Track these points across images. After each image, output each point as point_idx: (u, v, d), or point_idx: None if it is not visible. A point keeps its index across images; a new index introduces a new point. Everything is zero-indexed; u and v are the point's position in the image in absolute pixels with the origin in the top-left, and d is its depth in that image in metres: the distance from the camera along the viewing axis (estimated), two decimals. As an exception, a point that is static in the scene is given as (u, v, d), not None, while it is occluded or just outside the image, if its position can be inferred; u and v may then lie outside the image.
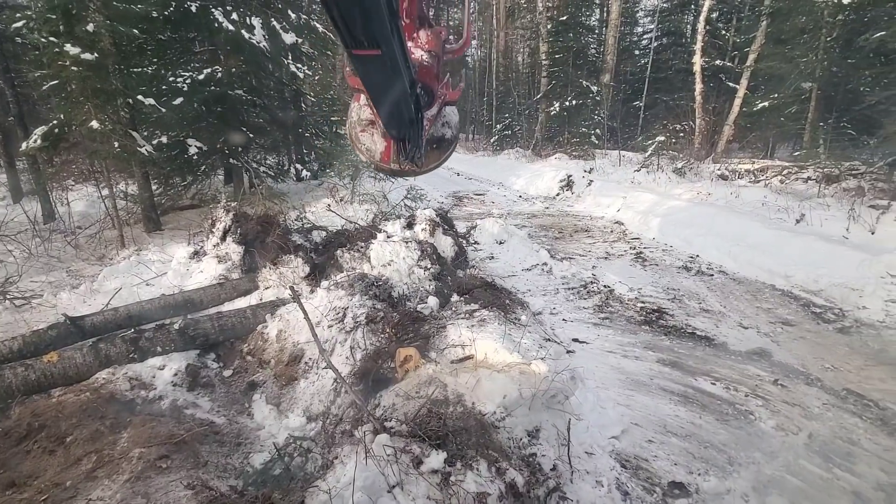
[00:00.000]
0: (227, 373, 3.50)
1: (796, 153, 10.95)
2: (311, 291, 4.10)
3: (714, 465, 2.83)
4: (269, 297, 4.19)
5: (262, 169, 9.19)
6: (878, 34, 8.65)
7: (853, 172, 8.68)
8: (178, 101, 7.36)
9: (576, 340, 4.29)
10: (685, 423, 3.22)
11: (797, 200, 8.25)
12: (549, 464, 2.44)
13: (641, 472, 2.76)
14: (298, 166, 10.44)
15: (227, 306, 4.20)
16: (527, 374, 2.72)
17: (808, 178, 9.26)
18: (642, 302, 5.21)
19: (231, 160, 8.30)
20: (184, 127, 7.88)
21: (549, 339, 3.51)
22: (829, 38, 10.08)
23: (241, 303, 4.21)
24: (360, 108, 2.69)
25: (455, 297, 4.06)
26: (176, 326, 3.44)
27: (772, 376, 3.79)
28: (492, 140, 23.06)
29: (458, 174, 17.50)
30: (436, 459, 2.12)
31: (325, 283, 4.08)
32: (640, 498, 2.57)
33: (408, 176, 3.43)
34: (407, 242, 4.43)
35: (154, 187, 8.10)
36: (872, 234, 6.64)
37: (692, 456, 2.91)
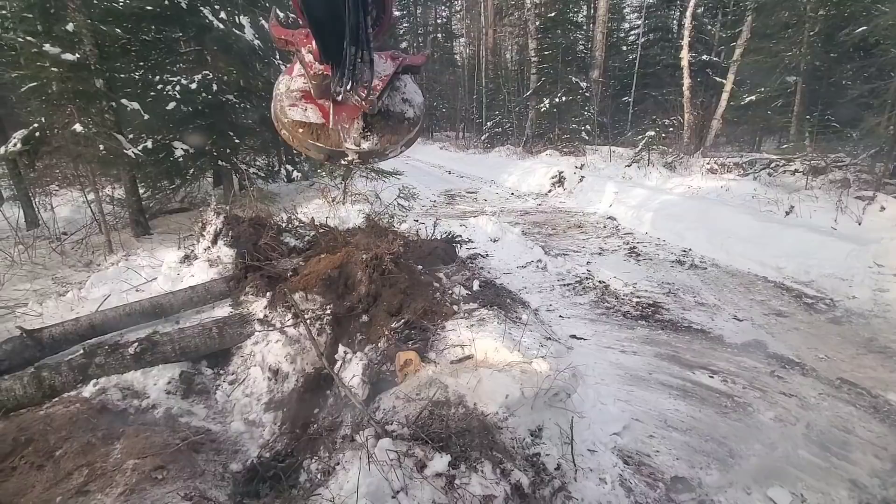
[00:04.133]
0: (222, 379, 3.43)
1: (783, 146, 11.07)
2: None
3: (715, 458, 2.84)
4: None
5: (252, 170, 9.06)
6: (859, 29, 8.75)
7: (839, 164, 8.81)
8: (171, 106, 7.20)
9: (573, 337, 4.28)
10: (685, 416, 3.22)
11: (786, 193, 8.36)
12: (554, 463, 2.42)
13: (644, 468, 2.76)
14: (289, 167, 10.30)
15: (200, 315, 3.96)
16: (528, 373, 2.69)
17: (796, 171, 9.38)
18: (638, 297, 5.22)
19: (220, 162, 8.17)
20: (170, 129, 7.73)
21: (549, 338, 3.49)
22: (811, 33, 10.21)
23: (219, 312, 3.97)
24: (292, 80, 2.12)
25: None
26: (131, 350, 3.19)
27: (768, 367, 3.81)
28: (482, 138, 23.04)
29: (450, 172, 17.43)
30: (440, 462, 2.09)
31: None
32: (644, 494, 2.56)
33: (361, 162, 2.27)
34: None
35: (142, 191, 7.93)
36: (859, 224, 6.74)
37: (693, 450, 2.91)
